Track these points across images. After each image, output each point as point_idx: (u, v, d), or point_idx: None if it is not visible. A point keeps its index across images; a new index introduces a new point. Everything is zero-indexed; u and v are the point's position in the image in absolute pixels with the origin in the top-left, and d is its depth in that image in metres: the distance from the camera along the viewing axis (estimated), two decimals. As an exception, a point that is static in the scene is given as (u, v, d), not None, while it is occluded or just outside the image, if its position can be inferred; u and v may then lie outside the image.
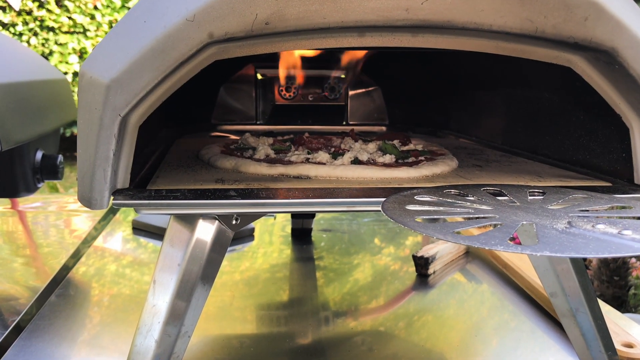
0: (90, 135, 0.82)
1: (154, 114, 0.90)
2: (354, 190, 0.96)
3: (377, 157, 1.22)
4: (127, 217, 2.32)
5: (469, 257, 1.90)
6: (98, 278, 1.68)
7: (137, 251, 1.97)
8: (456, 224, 0.75)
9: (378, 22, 0.87)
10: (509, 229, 0.73)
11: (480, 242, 0.68)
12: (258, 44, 0.89)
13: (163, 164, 1.17)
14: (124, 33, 0.83)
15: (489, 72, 1.49)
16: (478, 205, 0.85)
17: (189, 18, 0.80)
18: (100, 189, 0.85)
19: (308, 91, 1.90)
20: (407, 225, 0.74)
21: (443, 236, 0.71)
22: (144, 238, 2.08)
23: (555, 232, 0.72)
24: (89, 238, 2.05)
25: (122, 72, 0.81)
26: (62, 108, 1.82)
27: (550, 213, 0.81)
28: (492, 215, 0.80)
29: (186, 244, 0.94)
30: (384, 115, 2.01)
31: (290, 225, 2.20)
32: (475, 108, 1.64)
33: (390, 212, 0.80)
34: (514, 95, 1.42)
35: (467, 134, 1.69)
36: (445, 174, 1.13)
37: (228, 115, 1.94)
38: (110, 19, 6.83)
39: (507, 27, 0.89)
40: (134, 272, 1.73)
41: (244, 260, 1.87)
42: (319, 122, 1.94)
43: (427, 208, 0.84)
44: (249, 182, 1.01)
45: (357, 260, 1.89)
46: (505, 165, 1.24)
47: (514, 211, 0.82)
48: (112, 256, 1.89)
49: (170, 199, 0.87)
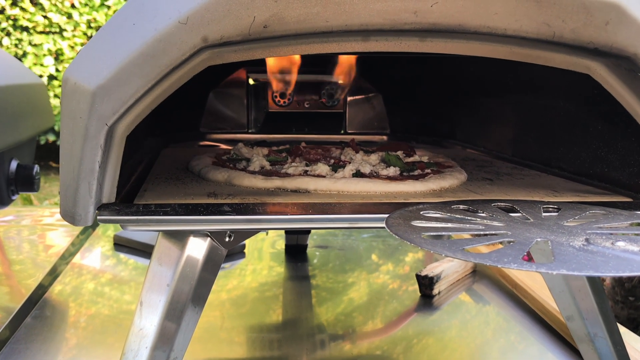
0: (75, 145, 0.82)
1: (140, 122, 0.90)
2: (357, 205, 0.96)
3: (381, 169, 1.22)
4: (107, 232, 2.31)
5: (476, 276, 1.90)
6: (75, 297, 1.67)
7: (118, 268, 1.95)
8: (466, 241, 0.75)
9: (384, 26, 0.87)
10: (522, 246, 0.73)
11: (492, 259, 0.68)
12: (255, 48, 0.89)
13: (150, 176, 1.17)
14: (111, 36, 0.83)
15: (499, 78, 1.49)
16: (489, 221, 0.85)
17: (181, 21, 0.80)
18: (85, 203, 0.84)
19: (304, 97, 1.90)
20: (413, 242, 0.74)
21: (452, 254, 0.71)
22: (125, 254, 2.07)
23: (573, 250, 0.72)
24: (67, 254, 2.04)
25: (109, 78, 0.80)
26: (38, 114, 1.81)
27: (566, 230, 0.81)
28: (504, 232, 0.80)
29: (176, 262, 0.93)
30: (385, 123, 2.01)
31: (283, 241, 2.19)
32: (483, 116, 1.64)
33: (395, 228, 0.80)
34: (526, 103, 1.42)
35: (474, 144, 1.69)
36: (454, 188, 1.13)
37: (218, 123, 1.94)
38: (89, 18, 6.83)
39: (523, 32, 0.89)
40: (114, 291, 1.72)
41: (231, 279, 1.86)
42: (316, 130, 1.94)
43: (435, 224, 0.84)
44: (243, 196, 1.01)
45: (352, 278, 1.89)
46: (518, 178, 1.24)
47: (528, 228, 0.82)
48: (91, 274, 1.88)
49: (160, 215, 0.87)
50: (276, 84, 1.86)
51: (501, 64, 1.03)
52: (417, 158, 1.37)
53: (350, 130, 1.99)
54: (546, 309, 1.55)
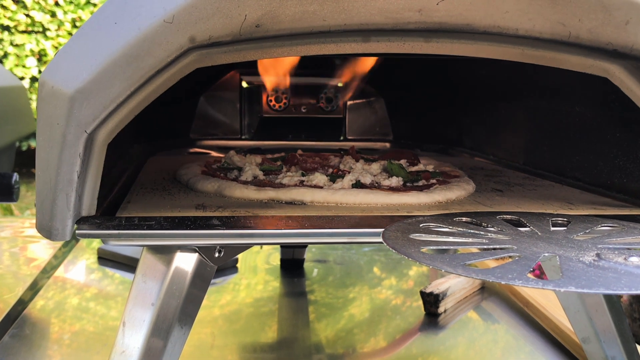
0: (51, 154, 0.81)
1: (124, 128, 0.89)
2: (356, 218, 0.94)
3: (382, 179, 1.21)
4: (92, 244, 2.29)
5: (484, 293, 1.89)
6: (58, 313, 1.66)
7: (103, 282, 1.95)
8: (468, 256, 0.74)
9: (386, 25, 0.86)
10: (528, 262, 0.72)
11: (496, 276, 0.67)
12: (247, 49, 0.88)
13: (135, 187, 1.16)
14: (91, 36, 0.82)
15: (509, 81, 1.48)
16: (493, 235, 0.84)
17: (167, 19, 0.79)
18: (63, 216, 0.83)
19: (301, 101, 1.89)
20: (411, 257, 0.73)
21: (452, 269, 0.70)
22: (111, 269, 2.05)
23: (582, 266, 0.71)
24: (49, 268, 2.03)
25: (89, 81, 0.79)
26: (18, 119, 1.80)
27: (576, 244, 0.80)
28: (509, 247, 0.79)
29: (162, 279, 0.92)
30: (387, 129, 2.00)
31: (278, 254, 2.18)
32: (493, 122, 1.63)
33: (392, 241, 0.79)
34: (539, 109, 1.41)
35: (483, 152, 1.68)
36: (461, 200, 1.12)
37: (209, 129, 1.93)
38: (74, 16, 6.83)
39: (536, 32, 0.88)
40: (100, 306, 1.71)
41: (224, 294, 1.85)
42: (313, 137, 1.93)
43: (435, 238, 0.83)
44: (234, 209, 1.00)
45: (353, 293, 1.87)
46: (530, 189, 1.23)
47: (535, 242, 0.81)
48: (75, 288, 1.87)
49: (144, 229, 0.86)
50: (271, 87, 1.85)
51: (512, 66, 1.02)
52: (421, 167, 1.36)
53: (350, 137, 1.99)
54: (560, 329, 1.54)
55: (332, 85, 1.87)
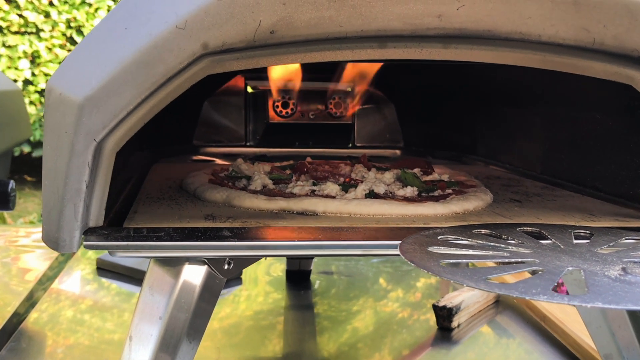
0: (59, 163, 0.81)
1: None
2: (372, 230, 0.95)
3: (396, 189, 1.21)
4: (87, 254, 2.30)
5: (499, 307, 1.89)
6: (53, 326, 1.66)
7: (99, 294, 1.95)
8: (489, 270, 0.74)
9: (404, 31, 0.86)
10: (552, 276, 0.73)
11: (520, 291, 0.67)
12: (260, 56, 0.89)
13: (140, 196, 1.16)
14: (100, 41, 0.82)
15: (526, 86, 1.48)
16: (514, 247, 0.85)
17: (179, 25, 0.80)
18: (70, 227, 0.83)
19: (308, 107, 1.90)
20: (431, 271, 0.74)
21: (474, 284, 0.70)
22: (109, 279, 2.06)
23: (608, 280, 0.71)
24: (44, 279, 2.04)
25: (99, 88, 0.80)
26: (13, 125, 1.81)
27: (600, 258, 0.80)
28: (531, 260, 0.80)
29: (170, 292, 0.93)
30: (398, 136, 2.01)
31: (279, 265, 2.18)
32: (509, 129, 1.63)
33: (410, 254, 0.80)
34: (557, 115, 1.41)
35: (498, 161, 1.68)
36: (478, 211, 1.12)
37: (213, 136, 1.94)
38: (68, 17, 6.84)
39: (559, 38, 0.88)
40: (95, 319, 1.72)
41: (224, 306, 1.85)
42: (321, 144, 1.93)
43: (454, 251, 0.83)
44: (245, 220, 1.00)
45: (357, 306, 1.88)
46: (549, 200, 1.23)
47: (558, 255, 0.82)
48: (70, 300, 1.87)
49: (153, 240, 0.86)
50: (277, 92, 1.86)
51: (529, 71, 1.02)
52: (436, 176, 1.36)
53: (359, 144, 1.99)
54: (579, 344, 1.54)
55: (341, 91, 1.88)
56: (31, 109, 6.44)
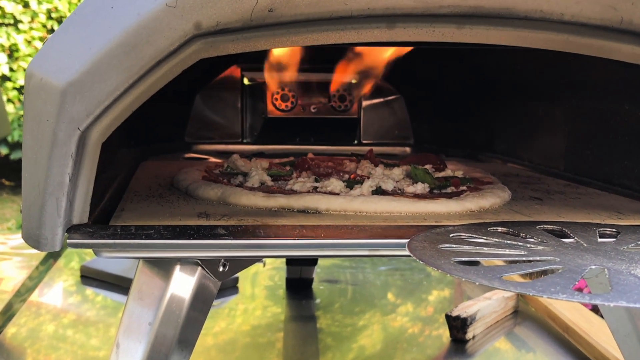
0: (40, 154, 0.82)
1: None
2: (378, 228, 0.95)
3: (406, 186, 1.21)
4: (70, 263, 2.30)
5: (518, 317, 1.89)
6: (33, 342, 1.66)
7: (83, 307, 1.95)
8: (505, 269, 0.74)
9: (415, 10, 0.87)
10: (573, 275, 0.73)
11: (537, 289, 0.67)
12: (257, 37, 0.89)
13: (128, 194, 1.17)
14: (84, 22, 0.83)
15: (548, 77, 1.48)
16: (533, 246, 0.85)
17: (170, 3, 0.80)
18: (52, 224, 0.84)
19: (310, 100, 1.90)
20: (441, 269, 0.74)
21: (488, 282, 0.70)
22: (94, 289, 2.06)
23: (634, 279, 0.72)
24: (23, 290, 2.03)
25: (83, 73, 0.80)
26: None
27: (626, 256, 0.81)
28: (551, 258, 0.80)
29: (159, 297, 0.93)
30: (408, 132, 2.01)
31: (281, 273, 2.18)
32: (529, 124, 1.63)
33: (419, 252, 0.80)
34: (581, 108, 1.41)
35: (517, 158, 1.68)
36: (495, 209, 1.13)
37: (206, 132, 1.94)
38: (49, 7, 6.85)
39: (584, 17, 0.88)
40: (79, 334, 1.72)
41: (218, 320, 1.85)
42: (324, 141, 1.93)
43: (467, 248, 0.83)
44: (241, 217, 1.01)
45: (363, 321, 1.88)
46: (573, 197, 1.23)
47: (580, 254, 0.82)
48: (51, 313, 1.87)
49: (142, 238, 0.86)
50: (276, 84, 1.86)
51: (551, 59, 1.03)
52: (449, 173, 1.36)
53: (365, 141, 1.99)
54: (605, 357, 1.54)
55: (345, 82, 1.88)
56: (9, 107, 6.44)
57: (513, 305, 1.90)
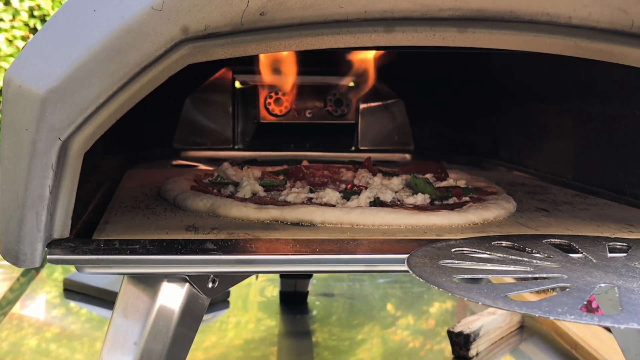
0: (19, 165, 0.81)
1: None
2: (376, 242, 0.95)
3: (405, 196, 1.21)
4: (53, 274, 2.30)
5: (523, 333, 1.89)
6: (14, 357, 1.66)
7: (67, 320, 1.95)
8: (509, 287, 0.74)
9: (414, 13, 0.86)
10: (581, 294, 0.73)
11: (543, 310, 0.67)
12: (248, 42, 0.88)
13: (112, 205, 1.16)
14: (65, 26, 0.82)
15: (554, 80, 1.48)
16: (540, 262, 0.85)
17: (155, 6, 0.80)
18: (32, 239, 0.83)
19: (305, 105, 1.90)
20: (442, 287, 0.73)
21: (492, 302, 0.70)
22: (77, 302, 2.06)
23: (646, 299, 0.71)
24: (4, 303, 2.03)
25: (64, 79, 0.80)
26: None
27: (637, 273, 0.80)
28: (558, 276, 0.79)
29: (145, 314, 0.92)
30: (408, 138, 2.01)
31: (273, 287, 2.18)
32: (535, 130, 1.63)
33: (419, 269, 0.79)
34: (591, 113, 1.41)
35: (523, 165, 1.68)
36: (500, 221, 1.12)
37: (196, 137, 1.94)
38: (31, 4, 6.85)
39: (592, 20, 0.88)
40: (62, 349, 1.72)
41: (209, 334, 1.85)
42: (320, 147, 1.93)
43: (470, 265, 0.83)
44: (231, 231, 1.00)
45: (362, 334, 1.87)
46: (581, 209, 1.23)
47: (588, 270, 0.81)
48: (34, 327, 1.87)
49: (127, 254, 0.86)
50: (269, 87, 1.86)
51: (559, 62, 1.03)
52: (451, 182, 1.36)
53: (363, 147, 1.99)
54: (616, 376, 1.54)
55: (342, 86, 1.88)
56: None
57: (518, 320, 1.90)
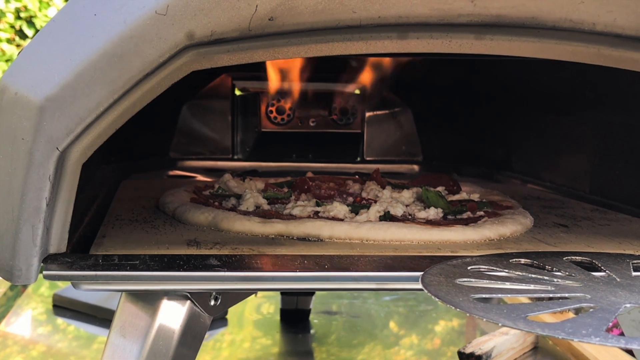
0: (15, 176, 0.81)
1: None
2: (388, 259, 0.95)
3: (417, 210, 1.21)
4: (39, 289, 2.30)
5: (537, 354, 1.89)
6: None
7: (54, 338, 1.95)
8: (530, 307, 0.74)
9: (430, 19, 0.86)
10: (606, 314, 0.73)
11: (567, 332, 0.67)
12: (255, 48, 0.88)
13: (109, 218, 1.16)
14: (64, 31, 0.82)
15: (573, 89, 1.48)
16: (561, 280, 0.84)
17: (159, 10, 0.80)
18: (27, 254, 0.83)
19: (308, 113, 1.90)
20: (459, 307, 0.73)
21: (512, 323, 0.70)
22: (65, 319, 2.05)
23: (674, 320, 0.71)
24: (-12, 320, 2.03)
25: (62, 87, 0.80)
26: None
27: (665, 293, 0.80)
28: (580, 295, 0.79)
29: (144, 333, 0.92)
30: (416, 148, 2.00)
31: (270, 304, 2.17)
32: (551, 141, 1.63)
33: (435, 288, 0.79)
34: (611, 123, 1.41)
35: (538, 178, 1.68)
36: (517, 237, 1.12)
37: (193, 147, 1.93)
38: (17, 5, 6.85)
39: (617, 27, 0.88)
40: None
41: (202, 352, 1.85)
42: (324, 157, 1.93)
43: (487, 284, 0.83)
44: (235, 246, 1.00)
45: (362, 355, 1.87)
46: (601, 224, 1.23)
47: (613, 290, 0.81)
48: (19, 345, 1.87)
49: (126, 270, 0.86)
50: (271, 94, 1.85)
51: (577, 70, 1.02)
52: (464, 195, 1.36)
53: (369, 157, 1.99)
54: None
55: (347, 93, 1.88)
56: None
57: (532, 341, 1.90)
